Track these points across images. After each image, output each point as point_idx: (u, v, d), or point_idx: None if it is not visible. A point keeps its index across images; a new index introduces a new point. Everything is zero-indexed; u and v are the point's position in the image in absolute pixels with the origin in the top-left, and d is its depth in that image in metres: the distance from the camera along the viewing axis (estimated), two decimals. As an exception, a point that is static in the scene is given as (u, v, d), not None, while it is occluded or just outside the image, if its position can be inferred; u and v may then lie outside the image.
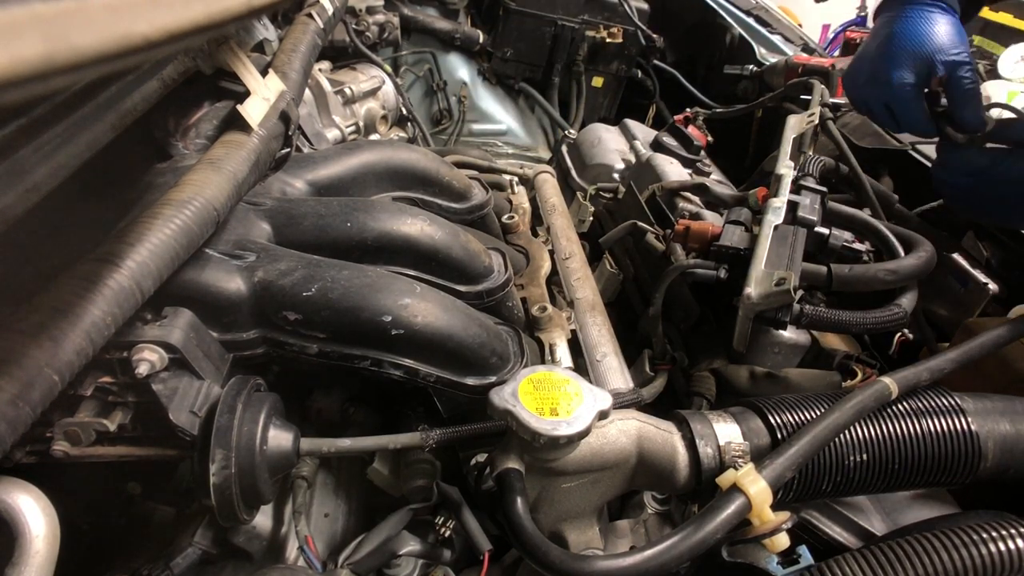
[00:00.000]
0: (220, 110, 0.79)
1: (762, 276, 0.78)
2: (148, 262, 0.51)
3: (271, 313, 0.66)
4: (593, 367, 0.89)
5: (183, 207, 0.56)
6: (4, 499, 0.49)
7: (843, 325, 0.80)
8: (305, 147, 1.13)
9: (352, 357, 0.68)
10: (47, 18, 0.25)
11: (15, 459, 0.59)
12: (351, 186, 0.88)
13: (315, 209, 0.77)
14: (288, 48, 0.91)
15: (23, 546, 0.48)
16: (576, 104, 2.25)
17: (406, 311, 0.66)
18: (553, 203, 1.27)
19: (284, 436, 0.60)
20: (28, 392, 0.41)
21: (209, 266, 0.65)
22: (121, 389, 0.60)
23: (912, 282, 0.85)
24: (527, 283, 1.00)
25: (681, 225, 0.96)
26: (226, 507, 0.55)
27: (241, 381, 0.61)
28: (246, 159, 0.67)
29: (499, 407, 0.57)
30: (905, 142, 1.30)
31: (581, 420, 0.56)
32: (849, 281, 0.83)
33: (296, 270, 0.67)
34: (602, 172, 1.55)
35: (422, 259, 0.77)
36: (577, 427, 0.55)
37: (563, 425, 0.55)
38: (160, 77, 0.69)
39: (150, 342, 0.58)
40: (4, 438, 0.39)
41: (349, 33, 1.67)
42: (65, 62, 0.26)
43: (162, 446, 0.63)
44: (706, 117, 1.58)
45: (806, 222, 0.88)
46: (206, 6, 0.40)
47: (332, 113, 1.38)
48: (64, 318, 0.44)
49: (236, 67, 0.75)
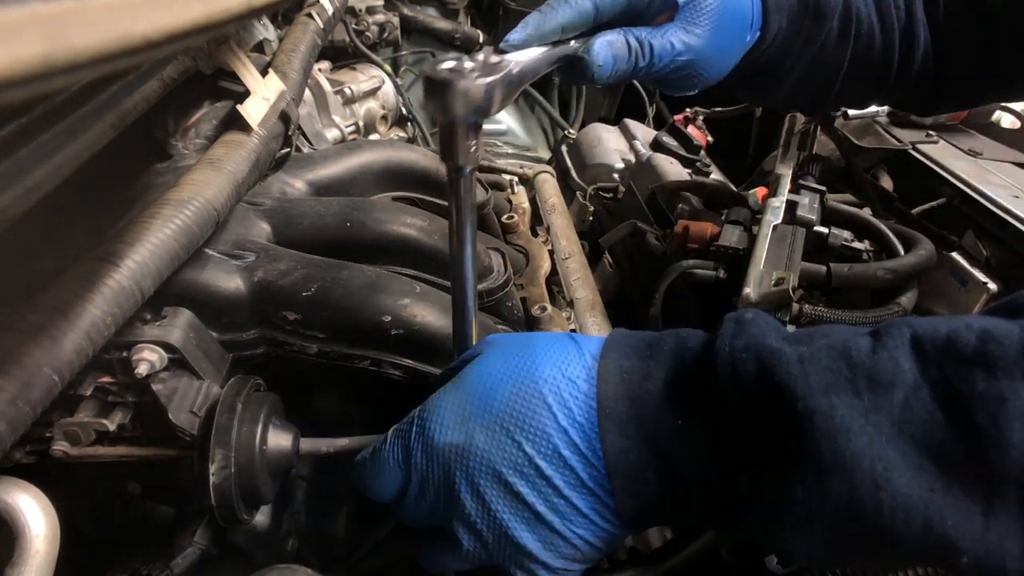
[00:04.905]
0: (220, 110, 0.79)
1: (761, 276, 0.78)
2: (148, 262, 0.51)
3: (271, 313, 0.66)
4: (593, 367, 0.89)
5: (183, 207, 0.56)
6: (4, 499, 0.49)
7: (842, 324, 0.80)
8: (305, 147, 1.13)
9: (352, 357, 0.68)
10: (47, 18, 0.25)
11: (15, 459, 0.59)
12: (351, 186, 0.88)
13: (315, 209, 0.77)
14: (288, 48, 0.91)
15: (23, 546, 0.48)
16: (576, 104, 2.25)
17: (406, 311, 0.66)
18: (553, 203, 1.27)
19: (284, 436, 0.60)
20: (28, 392, 0.41)
21: (209, 266, 0.65)
22: (121, 389, 0.60)
23: (912, 281, 0.85)
24: (527, 283, 1.00)
25: (681, 225, 0.96)
26: (226, 507, 0.55)
27: (241, 381, 0.61)
28: (246, 159, 0.67)
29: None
30: (905, 142, 1.31)
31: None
32: (848, 280, 0.83)
33: (296, 270, 0.67)
34: (602, 172, 1.55)
35: (422, 259, 0.77)
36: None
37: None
38: (160, 77, 0.69)
39: (150, 342, 0.58)
40: (4, 438, 0.39)
41: (349, 33, 1.67)
42: (65, 62, 0.26)
43: (162, 446, 0.63)
44: (706, 117, 1.58)
45: (805, 221, 0.89)
46: (206, 6, 0.40)
47: (332, 113, 1.38)
48: (64, 318, 0.45)
49: (236, 67, 0.75)
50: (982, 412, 0.34)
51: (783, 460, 0.38)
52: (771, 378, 0.39)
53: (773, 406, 0.39)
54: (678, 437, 0.43)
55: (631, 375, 0.45)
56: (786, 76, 0.78)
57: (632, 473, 0.44)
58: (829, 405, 0.37)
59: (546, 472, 0.45)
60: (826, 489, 0.37)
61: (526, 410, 0.46)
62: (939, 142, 1.33)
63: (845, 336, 0.40)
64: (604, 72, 0.63)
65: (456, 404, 0.48)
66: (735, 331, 0.43)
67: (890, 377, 0.37)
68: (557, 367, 0.47)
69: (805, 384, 0.38)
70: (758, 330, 0.42)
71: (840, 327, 0.42)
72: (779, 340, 0.41)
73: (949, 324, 0.38)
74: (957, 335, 0.37)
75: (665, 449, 0.43)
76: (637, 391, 0.44)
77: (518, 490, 0.45)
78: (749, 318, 0.44)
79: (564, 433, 0.45)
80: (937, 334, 0.37)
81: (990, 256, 1.07)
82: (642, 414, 0.44)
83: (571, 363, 0.47)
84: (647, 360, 0.46)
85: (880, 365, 0.37)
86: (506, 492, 0.46)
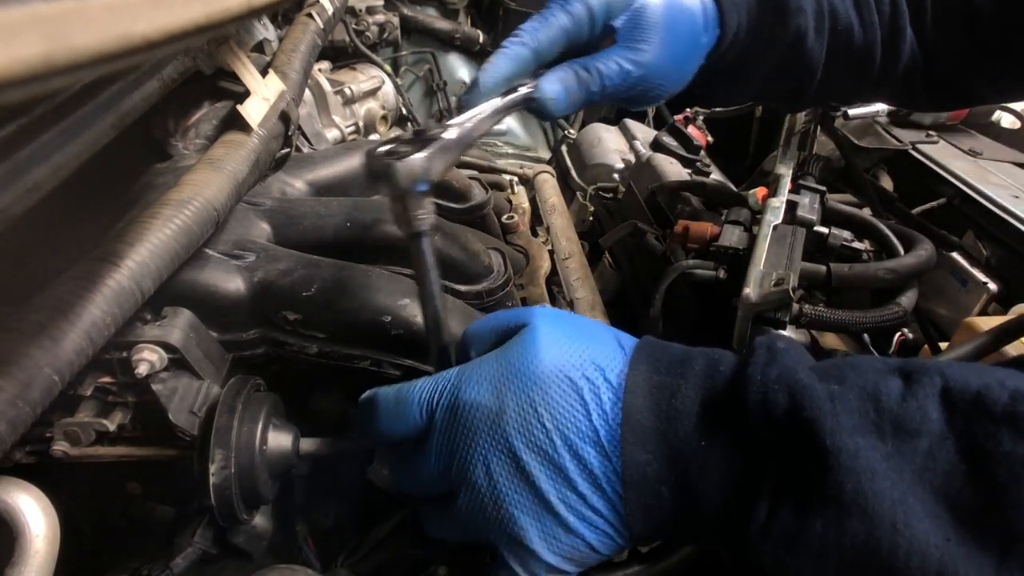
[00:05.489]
0: (220, 110, 0.79)
1: (761, 276, 0.78)
2: (148, 262, 0.51)
3: (271, 313, 0.66)
4: (593, 367, 0.89)
5: (183, 207, 0.56)
6: (4, 499, 0.49)
7: (842, 324, 0.80)
8: (305, 147, 1.13)
9: (352, 357, 0.68)
10: (47, 18, 0.25)
11: (15, 459, 0.59)
12: (351, 186, 0.88)
13: (315, 209, 0.77)
14: (288, 48, 0.91)
15: (23, 546, 0.48)
16: (576, 104, 2.24)
17: (406, 311, 0.66)
18: (553, 203, 1.27)
19: (284, 436, 0.60)
20: (28, 392, 0.41)
21: (209, 266, 0.65)
22: (121, 389, 0.60)
23: (912, 281, 0.85)
24: (527, 283, 1.00)
25: (681, 225, 0.96)
26: (226, 507, 0.55)
27: (241, 381, 0.61)
28: (246, 159, 0.67)
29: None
30: (905, 142, 1.31)
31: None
32: (849, 280, 0.83)
33: (296, 270, 0.67)
34: (602, 172, 1.55)
35: (422, 259, 0.77)
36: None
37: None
38: (160, 77, 0.68)
39: (150, 342, 0.58)
40: (4, 438, 0.39)
41: (349, 33, 1.67)
42: (65, 62, 0.26)
43: (162, 446, 0.63)
44: (706, 117, 1.58)
45: (805, 221, 0.89)
46: (206, 6, 0.40)
47: (332, 113, 1.38)
48: (64, 318, 0.45)
49: (236, 67, 0.75)
50: (1006, 470, 0.35)
51: (805, 492, 0.39)
52: (801, 412, 0.40)
53: (800, 439, 0.39)
54: (701, 457, 0.43)
55: (660, 390, 0.45)
56: (753, 73, 0.78)
57: (648, 487, 0.44)
58: (855, 445, 0.38)
59: (566, 464, 0.45)
60: (844, 526, 0.37)
61: (563, 398, 0.46)
62: (939, 142, 1.33)
63: (877, 378, 0.41)
64: (559, 105, 0.65)
65: (496, 369, 0.48)
66: (767, 359, 0.43)
67: (917, 426, 0.38)
68: (601, 366, 0.47)
69: (834, 422, 0.38)
70: (791, 362, 0.43)
71: (872, 364, 0.42)
72: (811, 375, 0.42)
73: (981, 378, 0.38)
74: (988, 391, 0.37)
75: (686, 467, 0.43)
76: (665, 407, 0.45)
77: (533, 472, 0.45)
78: (782, 348, 0.44)
79: (595, 432, 0.45)
80: (968, 388, 0.38)
81: (990, 256, 1.07)
82: (667, 430, 0.44)
83: (615, 367, 0.47)
84: (677, 377, 0.46)
85: (908, 413, 0.38)
86: (519, 471, 0.45)
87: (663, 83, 0.71)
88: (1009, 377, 0.38)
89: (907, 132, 1.35)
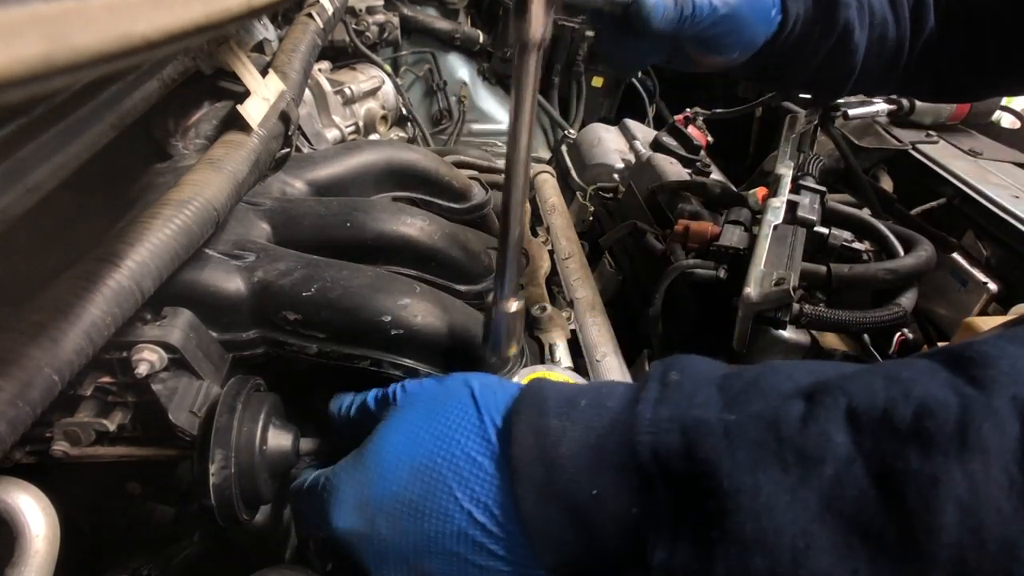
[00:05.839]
0: (220, 110, 0.79)
1: (761, 276, 0.78)
2: (148, 262, 0.51)
3: (271, 313, 0.66)
4: (593, 367, 0.89)
5: (183, 207, 0.56)
6: (4, 499, 0.49)
7: (842, 324, 0.80)
8: (305, 147, 1.13)
9: (352, 357, 0.68)
10: (47, 18, 0.25)
11: (15, 459, 0.59)
12: (351, 186, 0.88)
13: (315, 209, 0.77)
14: (288, 48, 0.91)
15: (23, 546, 0.48)
16: (576, 104, 2.25)
17: (406, 311, 0.66)
18: (553, 203, 1.27)
19: (284, 436, 0.60)
20: (28, 392, 0.41)
21: (209, 266, 0.65)
22: (121, 389, 0.60)
23: (912, 281, 0.85)
24: (527, 283, 1.00)
25: (681, 225, 0.96)
26: (226, 507, 0.55)
27: (241, 381, 0.61)
28: (246, 159, 0.67)
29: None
30: (905, 142, 1.31)
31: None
32: (849, 280, 0.83)
33: (296, 270, 0.67)
34: (602, 172, 1.55)
35: (421, 259, 0.77)
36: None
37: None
38: (160, 77, 0.68)
39: (150, 342, 0.58)
40: (4, 438, 0.39)
41: (349, 33, 1.68)
42: (65, 62, 0.26)
43: (162, 446, 0.63)
44: (706, 117, 1.58)
45: (805, 222, 0.89)
46: (206, 6, 0.40)
47: (332, 113, 1.38)
48: (64, 318, 0.45)
49: (236, 67, 0.75)
50: (915, 491, 0.32)
51: (705, 534, 0.37)
52: (696, 453, 0.38)
53: (696, 479, 0.38)
54: (594, 504, 0.41)
55: (546, 436, 0.43)
56: (810, 59, 0.83)
57: (551, 535, 0.43)
58: (755, 483, 0.36)
59: (454, 550, 0.44)
60: (747, 565, 0.36)
61: (426, 493, 0.45)
62: (939, 142, 1.33)
63: (778, 404, 0.38)
64: (656, 15, 0.70)
65: (355, 487, 0.48)
66: (659, 395, 0.42)
67: (820, 452, 0.35)
68: (457, 443, 0.46)
69: (731, 462, 0.37)
70: (683, 397, 0.41)
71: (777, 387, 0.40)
72: (706, 408, 0.40)
73: (887, 393, 0.36)
74: (894, 408, 0.35)
75: (582, 515, 0.42)
76: (552, 455, 0.43)
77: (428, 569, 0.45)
78: (675, 380, 0.42)
79: (468, 515, 0.44)
80: (874, 406, 0.36)
81: (990, 256, 1.07)
82: (556, 480, 0.42)
83: (471, 437, 0.46)
84: (563, 420, 0.44)
85: (810, 439, 0.36)
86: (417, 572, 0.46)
87: (740, 33, 0.76)
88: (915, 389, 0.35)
89: (907, 132, 1.35)
